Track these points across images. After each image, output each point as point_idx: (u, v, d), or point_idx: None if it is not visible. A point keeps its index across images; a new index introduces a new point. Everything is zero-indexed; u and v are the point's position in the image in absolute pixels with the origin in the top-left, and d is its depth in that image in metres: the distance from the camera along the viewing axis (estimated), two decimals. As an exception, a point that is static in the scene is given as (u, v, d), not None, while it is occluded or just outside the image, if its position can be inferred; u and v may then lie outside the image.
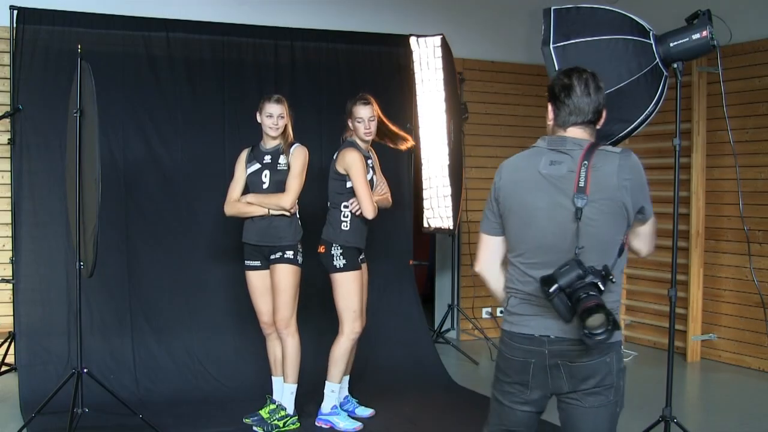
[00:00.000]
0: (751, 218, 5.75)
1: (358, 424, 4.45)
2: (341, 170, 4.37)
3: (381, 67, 6.04)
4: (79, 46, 4.04)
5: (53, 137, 4.97)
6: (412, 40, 5.94)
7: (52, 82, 5.02)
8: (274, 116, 4.30)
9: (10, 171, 5.15)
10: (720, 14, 3.48)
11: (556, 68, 3.23)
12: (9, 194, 5.23)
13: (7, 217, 5.26)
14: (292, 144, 4.37)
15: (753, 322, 5.82)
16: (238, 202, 4.40)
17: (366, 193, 4.31)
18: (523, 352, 2.39)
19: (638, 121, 3.36)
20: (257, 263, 4.42)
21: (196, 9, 5.63)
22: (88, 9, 5.21)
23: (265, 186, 4.35)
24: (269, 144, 4.38)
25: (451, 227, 6.06)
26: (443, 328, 6.61)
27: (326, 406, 4.48)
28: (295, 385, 4.43)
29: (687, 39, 3.34)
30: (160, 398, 4.86)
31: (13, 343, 5.00)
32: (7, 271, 5.23)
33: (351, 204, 4.36)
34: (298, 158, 4.33)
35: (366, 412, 4.67)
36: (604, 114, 2.43)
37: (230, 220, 4.53)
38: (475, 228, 3.95)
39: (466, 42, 6.60)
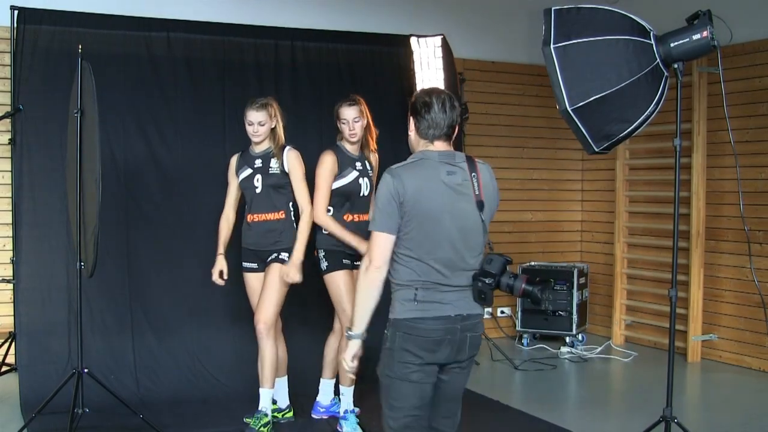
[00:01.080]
0: (751, 218, 5.76)
1: None
2: None
3: (381, 67, 6.03)
4: (80, 46, 4.04)
5: (53, 137, 4.96)
6: (413, 40, 5.94)
7: (53, 82, 5.02)
8: (254, 124, 4.21)
9: (11, 171, 5.15)
10: (720, 14, 3.48)
11: (557, 68, 3.24)
12: (9, 194, 5.23)
13: (8, 217, 5.26)
14: (283, 147, 4.27)
15: (753, 322, 5.82)
16: (226, 226, 4.45)
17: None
18: (440, 332, 2.73)
19: (639, 121, 3.36)
20: (254, 265, 4.41)
21: (197, 9, 5.63)
22: (89, 9, 5.21)
23: (258, 190, 4.28)
24: (257, 148, 4.31)
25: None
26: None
27: (324, 399, 4.57)
28: (272, 390, 4.38)
29: (687, 39, 3.35)
30: (160, 398, 4.87)
31: (13, 343, 5.00)
32: (8, 271, 5.23)
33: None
34: (296, 168, 4.24)
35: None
36: (456, 129, 2.82)
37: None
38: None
39: (466, 42, 6.60)
